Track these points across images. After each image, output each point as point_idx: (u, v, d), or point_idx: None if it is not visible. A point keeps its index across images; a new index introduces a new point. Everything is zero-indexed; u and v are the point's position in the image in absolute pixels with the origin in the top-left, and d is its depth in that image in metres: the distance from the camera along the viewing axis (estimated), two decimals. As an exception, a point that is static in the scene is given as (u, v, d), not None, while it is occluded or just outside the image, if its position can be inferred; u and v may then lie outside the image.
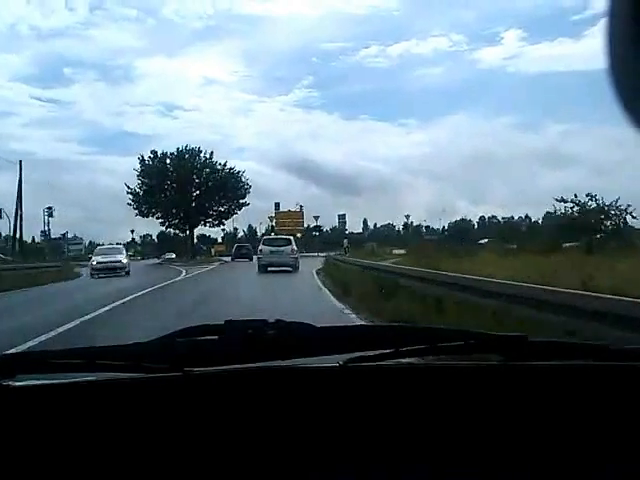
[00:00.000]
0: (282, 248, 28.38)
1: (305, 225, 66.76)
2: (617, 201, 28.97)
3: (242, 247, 51.87)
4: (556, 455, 1.00)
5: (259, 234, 70.80)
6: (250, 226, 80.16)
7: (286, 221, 66.34)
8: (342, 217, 70.30)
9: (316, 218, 62.11)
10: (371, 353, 1.07)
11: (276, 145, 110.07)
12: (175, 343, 1.07)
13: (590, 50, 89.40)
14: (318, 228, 63.52)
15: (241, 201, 59.76)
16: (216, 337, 1.06)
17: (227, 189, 58.70)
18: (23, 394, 1.03)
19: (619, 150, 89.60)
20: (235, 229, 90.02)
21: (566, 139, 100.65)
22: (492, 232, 71.44)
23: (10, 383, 1.02)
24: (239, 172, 59.17)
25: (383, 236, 77.93)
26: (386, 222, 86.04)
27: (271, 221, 69.19)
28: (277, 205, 69.64)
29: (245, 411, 1.03)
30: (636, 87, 0.56)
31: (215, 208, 60.07)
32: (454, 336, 1.14)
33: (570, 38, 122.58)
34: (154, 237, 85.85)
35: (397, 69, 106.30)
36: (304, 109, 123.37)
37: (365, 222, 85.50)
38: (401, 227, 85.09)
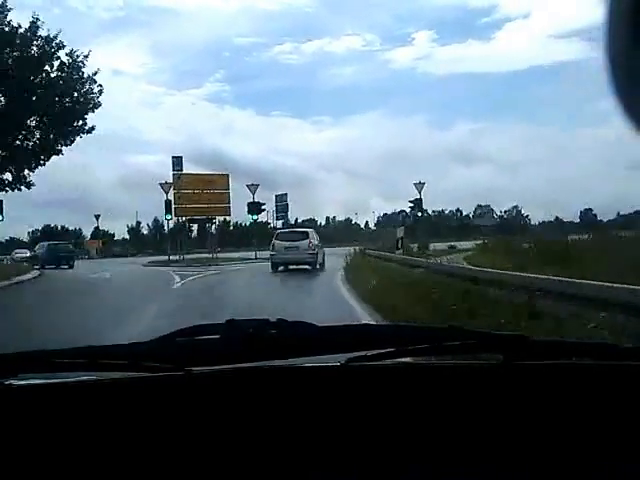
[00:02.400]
0: (298, 243, 24.56)
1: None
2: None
3: (56, 247, 35.96)
4: (556, 454, 1.00)
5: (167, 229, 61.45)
6: (156, 219, 66.58)
7: (196, 192, 40.47)
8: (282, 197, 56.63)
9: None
10: (372, 352, 1.08)
11: (187, 139, 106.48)
12: (176, 342, 1.09)
13: (497, 53, 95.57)
14: (259, 206, 41.46)
15: (82, 122, 27.18)
16: (217, 336, 1.08)
17: (53, 89, 26.13)
18: (25, 393, 1.03)
19: (525, 148, 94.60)
20: (138, 223, 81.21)
21: (475, 137, 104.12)
22: (425, 224, 69.66)
23: (12, 382, 1.03)
24: (80, 60, 26.90)
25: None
26: (308, 217, 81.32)
27: (165, 191, 38.60)
28: (178, 160, 40.42)
29: (246, 410, 1.03)
30: (636, 88, 0.57)
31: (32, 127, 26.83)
32: (454, 335, 1.15)
33: (478, 40, 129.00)
34: None
35: (311, 66, 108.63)
36: (216, 103, 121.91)
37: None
38: (323, 222, 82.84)
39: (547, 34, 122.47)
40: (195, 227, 54.92)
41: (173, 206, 39.53)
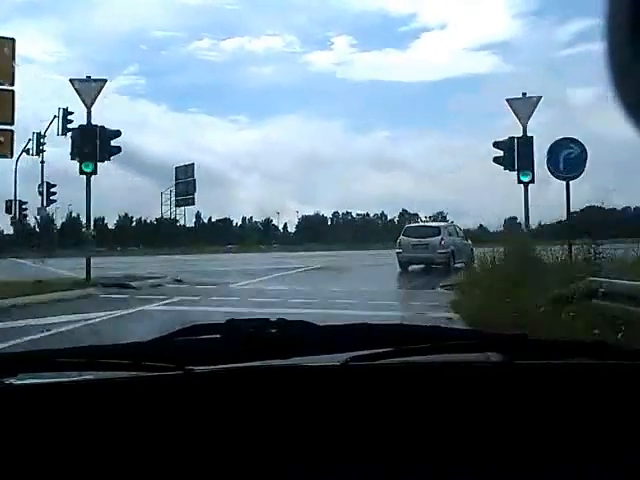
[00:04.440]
0: (427, 240, 21.49)
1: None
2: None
3: None
4: (556, 454, 1.01)
5: (60, 223, 52.08)
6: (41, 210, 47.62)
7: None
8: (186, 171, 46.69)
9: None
10: (373, 352, 1.09)
11: None
12: (176, 342, 1.11)
13: (415, 62, 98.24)
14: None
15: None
16: (218, 336, 1.09)
17: None
18: (25, 393, 1.04)
19: (442, 157, 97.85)
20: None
21: (394, 144, 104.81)
22: (349, 229, 67.48)
23: (12, 382, 1.03)
24: None
25: (221, 230, 70.83)
26: (222, 217, 77.25)
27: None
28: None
29: (246, 410, 1.04)
30: (637, 88, 0.58)
31: None
32: (456, 335, 1.22)
33: (397, 49, 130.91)
34: None
35: (230, 64, 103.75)
36: (129, 97, 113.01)
37: (198, 215, 75.90)
38: (239, 222, 78.63)
39: (462, 46, 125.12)
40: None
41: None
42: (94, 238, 18.13)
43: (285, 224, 77.51)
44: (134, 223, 65.82)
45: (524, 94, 15.62)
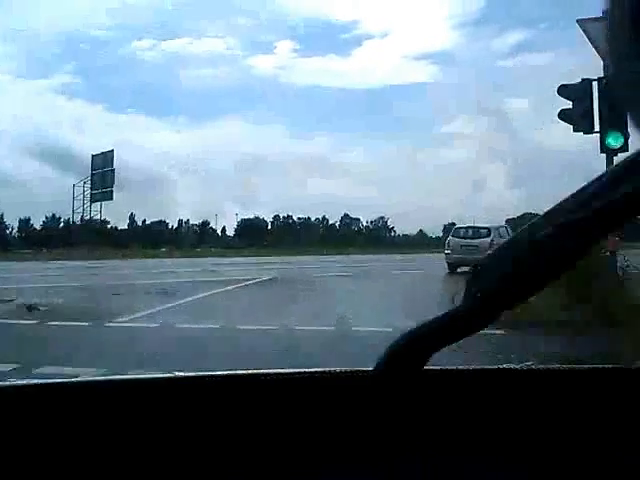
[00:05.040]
0: (477, 241, 21.18)
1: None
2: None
3: None
4: (559, 452, 1.00)
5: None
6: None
7: None
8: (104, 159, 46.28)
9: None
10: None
11: (33, 130, 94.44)
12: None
13: (356, 68, 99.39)
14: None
15: None
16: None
17: None
18: (21, 394, 1.03)
19: (384, 163, 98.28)
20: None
21: (336, 149, 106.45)
22: (291, 232, 64.81)
23: (7, 382, 1.04)
24: None
25: (156, 233, 67.73)
26: (157, 219, 72.89)
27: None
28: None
29: (235, 417, 1.02)
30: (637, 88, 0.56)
31: None
32: None
33: (339, 55, 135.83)
34: None
35: (170, 65, 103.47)
36: (66, 96, 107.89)
37: (132, 217, 71.43)
38: (175, 225, 73.89)
39: (403, 55, 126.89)
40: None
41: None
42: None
43: (224, 227, 74.54)
44: (62, 224, 61.76)
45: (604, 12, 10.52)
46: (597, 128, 9.29)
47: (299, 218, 74.89)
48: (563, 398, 1.03)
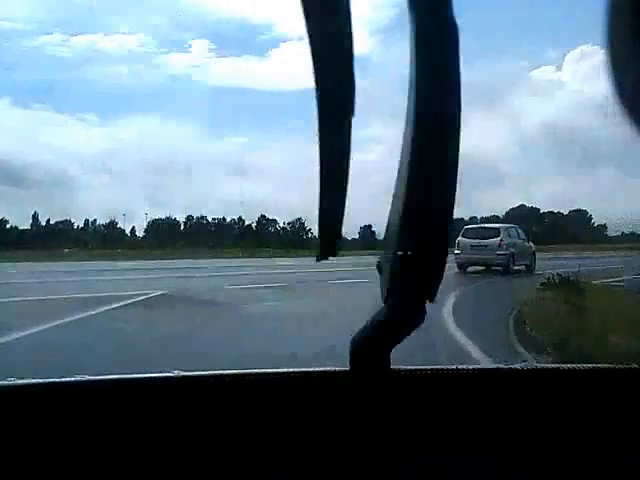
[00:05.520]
0: (486, 241, 21.30)
1: None
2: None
3: None
4: (562, 451, 0.99)
5: None
6: None
7: None
8: None
9: None
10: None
11: None
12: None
13: (272, 70, 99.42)
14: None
15: None
16: None
17: None
18: (19, 393, 1.02)
19: (300, 163, 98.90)
20: None
21: (251, 150, 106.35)
22: (205, 233, 61.86)
23: (6, 382, 1.02)
24: None
25: (60, 233, 63.57)
26: (62, 218, 69.09)
27: None
28: None
29: (233, 417, 1.02)
30: (637, 87, 0.58)
31: None
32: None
33: (255, 56, 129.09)
34: None
35: (81, 61, 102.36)
36: None
37: (35, 217, 67.45)
38: (81, 225, 69.96)
39: None
40: None
41: None
42: None
43: (133, 228, 71.14)
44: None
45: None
46: None
47: (214, 219, 72.25)
48: (546, 397, 1.02)
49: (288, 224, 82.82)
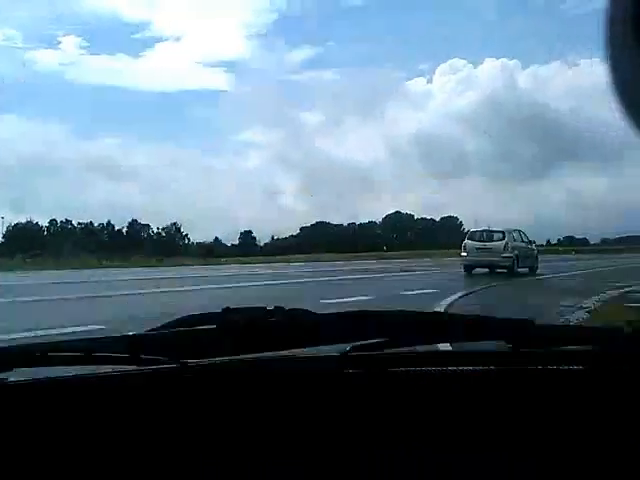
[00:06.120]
0: (491, 244, 22.15)
1: None
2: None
3: None
4: (563, 446, 0.98)
5: None
6: None
7: None
8: None
9: None
10: (374, 341, 1.08)
11: None
12: (171, 333, 1.09)
13: (148, 70, 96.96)
14: None
15: None
16: (214, 326, 1.07)
17: None
18: (19, 389, 1.02)
19: (174, 168, 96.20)
20: None
21: (124, 152, 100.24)
22: (71, 238, 58.82)
23: (6, 377, 1.01)
24: None
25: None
26: None
27: None
28: None
29: (243, 404, 1.02)
30: (636, 86, 0.57)
31: None
32: (458, 321, 1.18)
33: (129, 55, 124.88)
34: None
35: None
36: None
37: None
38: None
39: (197, 60, 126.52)
40: None
41: None
42: None
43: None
44: None
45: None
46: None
47: (80, 223, 66.77)
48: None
49: (162, 229, 78.36)
